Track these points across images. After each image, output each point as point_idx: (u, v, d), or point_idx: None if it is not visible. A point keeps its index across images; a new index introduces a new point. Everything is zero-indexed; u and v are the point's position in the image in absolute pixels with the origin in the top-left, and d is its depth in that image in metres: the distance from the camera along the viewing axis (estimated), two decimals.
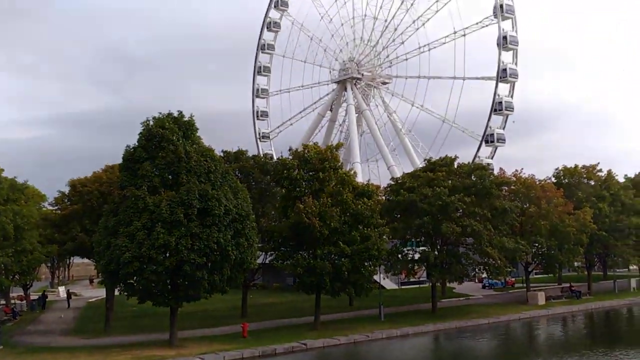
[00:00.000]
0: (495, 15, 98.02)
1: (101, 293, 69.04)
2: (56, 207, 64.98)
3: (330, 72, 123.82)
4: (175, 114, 42.46)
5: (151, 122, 41.77)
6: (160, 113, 42.10)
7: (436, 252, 56.19)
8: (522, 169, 69.07)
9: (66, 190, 61.19)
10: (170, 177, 41.25)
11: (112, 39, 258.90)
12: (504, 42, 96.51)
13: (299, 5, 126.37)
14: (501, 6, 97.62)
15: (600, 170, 75.84)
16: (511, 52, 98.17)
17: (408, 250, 58.27)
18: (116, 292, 49.96)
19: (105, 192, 53.84)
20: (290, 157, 51.17)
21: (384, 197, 61.28)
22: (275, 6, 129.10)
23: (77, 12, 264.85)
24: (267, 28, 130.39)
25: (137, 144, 41.67)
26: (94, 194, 55.69)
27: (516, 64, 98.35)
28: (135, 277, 40.20)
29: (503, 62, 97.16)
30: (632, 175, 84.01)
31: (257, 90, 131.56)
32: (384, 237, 50.85)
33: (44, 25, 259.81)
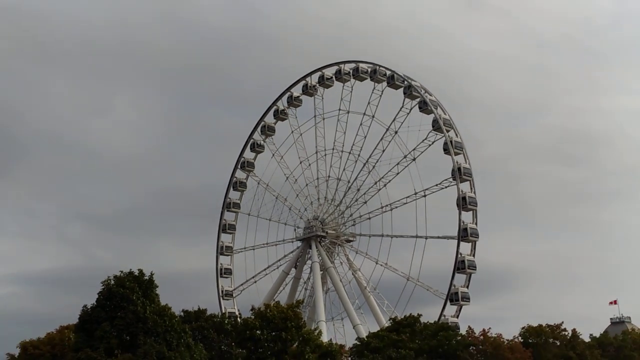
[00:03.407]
0: (454, 178, 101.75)
1: None
2: None
3: (295, 230, 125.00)
4: (136, 272, 42.31)
5: (112, 281, 41.35)
6: (121, 271, 41.92)
7: None
8: (489, 328, 68.37)
9: (16, 352, 58.47)
10: (128, 337, 40.03)
11: (80, 198, 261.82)
12: (464, 203, 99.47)
13: (265, 166, 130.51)
14: (459, 169, 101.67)
15: (565, 330, 75.65)
16: (471, 212, 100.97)
17: None
18: None
19: (57, 355, 51.59)
20: (252, 316, 50.30)
21: (349, 358, 59.74)
22: (241, 167, 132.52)
23: (43, 168, 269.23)
24: (233, 187, 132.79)
25: (95, 303, 40.89)
26: (46, 356, 53.35)
27: (476, 223, 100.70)
28: None
29: (463, 222, 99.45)
30: (597, 335, 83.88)
31: (222, 247, 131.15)
32: None
33: (9, 182, 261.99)
